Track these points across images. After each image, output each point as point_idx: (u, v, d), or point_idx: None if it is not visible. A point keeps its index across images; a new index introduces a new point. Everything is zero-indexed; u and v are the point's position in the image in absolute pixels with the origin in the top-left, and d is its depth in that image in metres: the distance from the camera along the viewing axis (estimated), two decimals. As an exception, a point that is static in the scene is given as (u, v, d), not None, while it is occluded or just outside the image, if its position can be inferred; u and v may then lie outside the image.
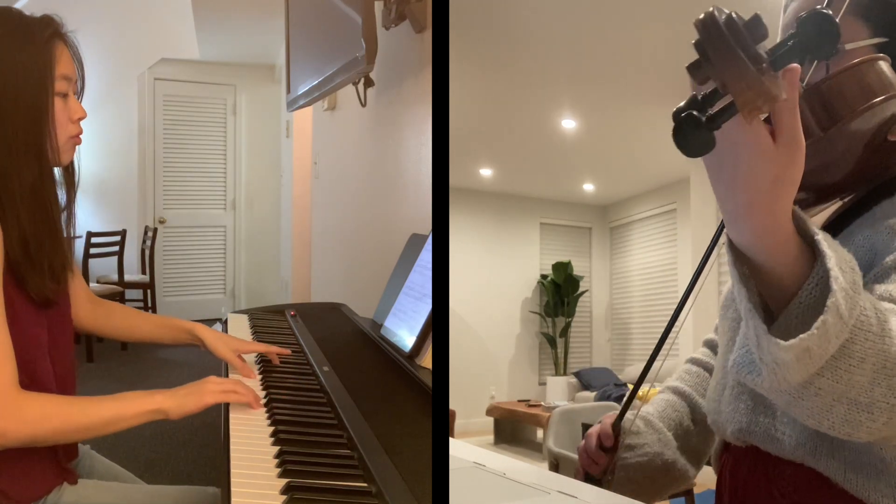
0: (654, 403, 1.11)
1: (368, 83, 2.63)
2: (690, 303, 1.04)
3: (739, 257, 0.66)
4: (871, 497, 0.77)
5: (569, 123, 5.28)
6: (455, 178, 6.30)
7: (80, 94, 1.22)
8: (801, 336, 0.59)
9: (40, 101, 1.12)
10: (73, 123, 1.18)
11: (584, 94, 4.77)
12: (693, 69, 0.52)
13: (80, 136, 1.20)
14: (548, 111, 5.05)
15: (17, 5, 4.60)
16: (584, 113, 5.09)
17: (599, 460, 1.04)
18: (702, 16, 0.52)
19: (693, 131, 0.51)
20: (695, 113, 0.50)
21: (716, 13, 0.51)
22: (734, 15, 0.51)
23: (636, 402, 1.07)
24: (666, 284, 6.70)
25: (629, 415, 1.05)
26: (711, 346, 1.16)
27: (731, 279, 0.68)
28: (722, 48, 0.50)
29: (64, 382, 1.21)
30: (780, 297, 0.65)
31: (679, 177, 5.95)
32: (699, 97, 0.52)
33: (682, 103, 0.53)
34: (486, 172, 6.56)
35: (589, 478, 1.04)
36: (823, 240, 0.63)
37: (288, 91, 3.37)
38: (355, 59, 2.21)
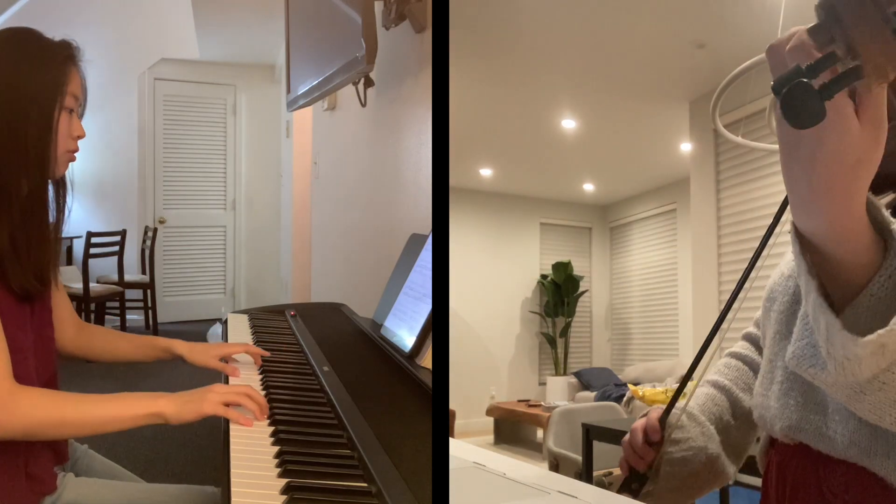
0: (695, 398, 1.08)
1: (368, 83, 2.63)
2: (738, 305, 1.01)
3: (805, 247, 0.63)
4: None
5: (569, 123, 5.28)
6: (455, 178, 6.30)
7: (80, 116, 1.29)
8: (880, 332, 0.57)
9: (50, 115, 1.20)
10: (72, 139, 1.24)
11: (584, 94, 4.77)
12: (816, 31, 0.49)
13: (75, 154, 1.27)
14: (548, 111, 5.05)
15: (18, 6, 4.56)
16: (584, 113, 5.10)
17: (646, 455, 1.01)
18: None
19: (805, 100, 0.48)
20: (806, 80, 0.47)
21: None
22: None
23: (686, 387, 1.04)
24: (666, 284, 6.70)
25: (676, 409, 1.02)
26: (751, 339, 1.11)
27: (796, 270, 0.65)
28: (855, 7, 0.47)
29: (47, 387, 1.22)
30: (844, 288, 0.62)
31: (679, 177, 5.95)
32: (803, 66, 0.49)
33: (784, 73, 0.50)
34: (486, 172, 6.56)
35: (633, 473, 1.02)
36: None
37: (288, 91, 3.37)
38: (355, 59, 2.21)
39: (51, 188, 1.26)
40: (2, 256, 1.14)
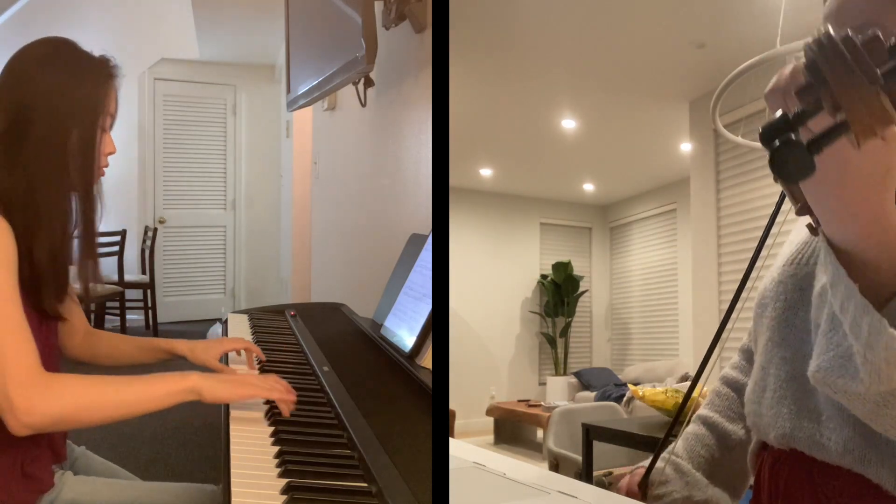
0: (685, 439, 1.10)
1: (368, 83, 2.63)
2: (739, 307, 1.02)
3: (838, 255, 0.64)
4: None
5: (569, 123, 5.28)
6: (455, 178, 6.30)
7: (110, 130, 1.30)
8: None
9: (93, 135, 1.21)
10: (103, 156, 1.26)
11: (584, 94, 4.77)
12: (804, 93, 0.49)
13: (104, 170, 1.28)
14: (548, 111, 5.05)
15: (18, 6, 4.54)
16: (584, 113, 5.10)
17: None
18: (817, 34, 0.49)
19: (794, 156, 0.48)
20: (794, 137, 0.48)
21: (832, 32, 0.49)
22: (850, 33, 0.48)
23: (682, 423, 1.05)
24: (666, 284, 6.70)
25: (662, 459, 1.04)
26: (746, 354, 1.12)
27: (827, 280, 0.65)
28: (840, 69, 0.48)
29: None
30: (875, 294, 0.63)
31: (679, 177, 5.95)
32: (790, 116, 0.50)
33: (770, 122, 0.50)
34: (486, 172, 6.56)
35: None
36: None
37: (288, 91, 3.37)
38: (355, 59, 2.21)
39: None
40: (40, 273, 1.14)
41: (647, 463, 1.06)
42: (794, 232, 1.00)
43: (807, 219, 0.70)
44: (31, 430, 1.02)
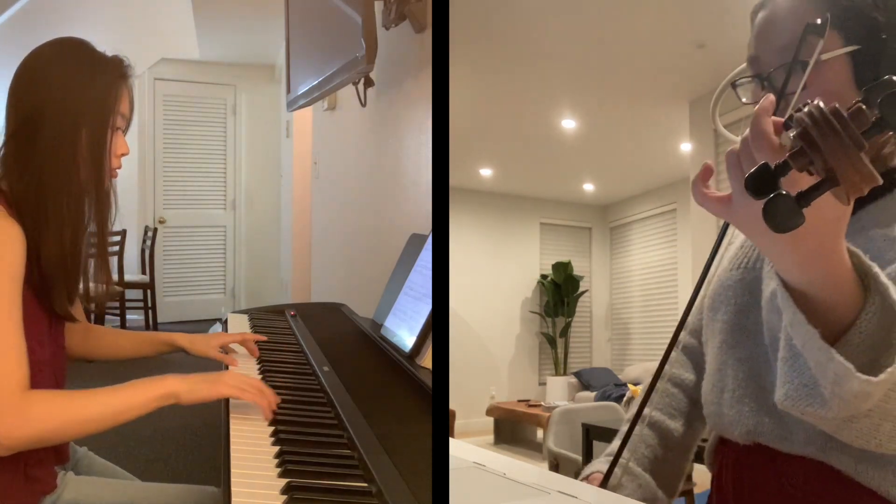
0: (631, 441, 1.11)
1: (368, 83, 2.63)
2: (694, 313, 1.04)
3: (794, 297, 0.67)
4: (882, 487, 0.79)
5: (569, 123, 5.28)
6: (455, 178, 6.29)
7: (125, 132, 1.29)
8: (889, 370, 0.62)
9: (104, 136, 1.19)
10: (116, 157, 1.24)
11: (584, 94, 4.77)
12: (796, 157, 0.56)
13: (117, 171, 1.26)
14: (548, 111, 5.05)
15: (18, 6, 4.54)
16: (584, 113, 5.09)
17: None
18: (806, 108, 0.55)
19: (785, 210, 0.54)
20: (784, 192, 0.54)
21: (822, 105, 0.55)
22: (837, 106, 0.55)
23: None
24: (666, 284, 6.70)
25: (617, 470, 1.06)
26: (690, 354, 1.14)
27: (785, 320, 0.68)
28: (830, 136, 0.54)
29: None
30: (830, 330, 0.66)
31: (679, 177, 5.95)
32: (772, 166, 0.55)
33: (753, 172, 0.55)
34: (486, 172, 6.56)
35: None
36: (880, 272, 0.66)
37: (288, 91, 3.38)
38: (355, 59, 2.21)
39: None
40: (50, 275, 1.13)
41: (600, 467, 1.08)
42: (737, 232, 1.02)
43: None
44: (13, 451, 1.03)
